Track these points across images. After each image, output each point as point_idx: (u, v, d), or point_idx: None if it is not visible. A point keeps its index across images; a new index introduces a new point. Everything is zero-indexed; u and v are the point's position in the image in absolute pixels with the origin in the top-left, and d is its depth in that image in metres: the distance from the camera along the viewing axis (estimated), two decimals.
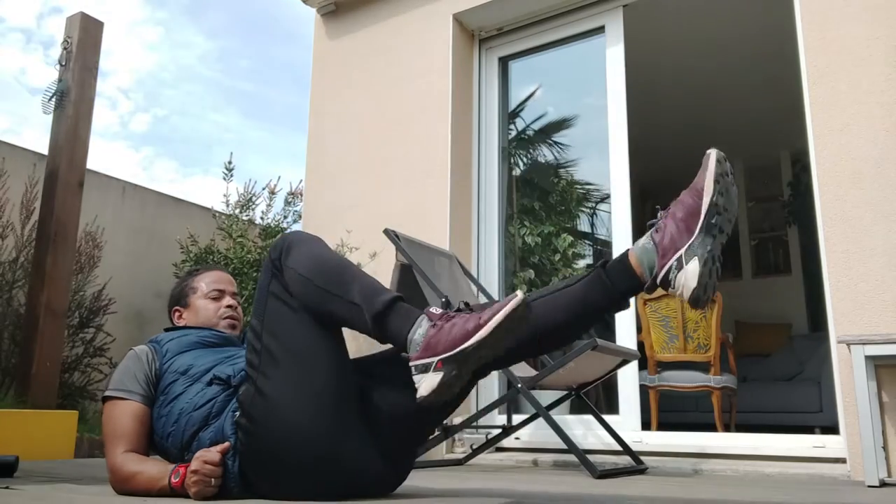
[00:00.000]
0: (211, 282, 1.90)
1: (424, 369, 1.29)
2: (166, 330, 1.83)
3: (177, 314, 1.89)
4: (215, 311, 1.85)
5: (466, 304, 1.36)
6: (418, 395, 1.28)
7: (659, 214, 1.40)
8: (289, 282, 1.44)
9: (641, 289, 1.38)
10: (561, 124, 4.64)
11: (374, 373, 1.51)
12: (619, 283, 1.39)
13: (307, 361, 1.43)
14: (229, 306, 1.87)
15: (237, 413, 1.46)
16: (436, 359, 1.28)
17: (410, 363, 1.31)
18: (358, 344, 3.55)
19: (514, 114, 4.36)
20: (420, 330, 1.32)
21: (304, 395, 1.40)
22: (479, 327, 1.26)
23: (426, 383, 1.27)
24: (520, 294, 1.28)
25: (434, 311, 1.34)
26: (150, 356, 1.67)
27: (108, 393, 1.63)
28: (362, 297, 1.38)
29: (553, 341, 1.57)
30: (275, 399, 1.40)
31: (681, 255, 1.32)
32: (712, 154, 1.38)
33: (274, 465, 1.42)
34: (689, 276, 1.30)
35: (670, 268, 1.33)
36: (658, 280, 1.34)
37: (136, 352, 1.69)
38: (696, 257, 1.30)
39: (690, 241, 1.32)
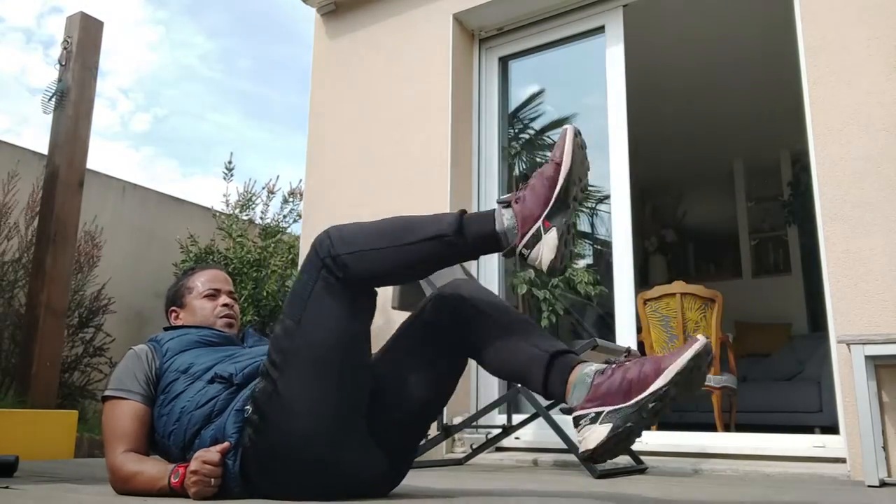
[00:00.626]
0: (206, 281, 1.89)
1: (535, 238, 1.35)
2: (165, 329, 1.83)
3: (173, 315, 1.89)
4: (212, 310, 1.85)
5: (525, 176, 1.43)
6: (547, 265, 1.34)
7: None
8: (353, 267, 1.40)
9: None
10: (561, 124, 4.64)
11: (385, 372, 1.51)
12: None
13: (333, 369, 1.41)
14: (225, 305, 1.86)
15: (248, 409, 1.45)
16: (538, 224, 1.35)
17: (518, 247, 1.36)
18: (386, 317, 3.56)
19: (515, 114, 4.36)
20: (507, 216, 1.37)
21: (323, 402, 1.40)
22: (556, 173, 1.37)
23: (547, 247, 1.34)
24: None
25: (504, 197, 1.40)
26: (149, 355, 1.67)
27: (107, 392, 1.63)
28: (435, 228, 1.39)
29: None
30: (291, 401, 1.40)
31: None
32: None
33: (278, 463, 1.42)
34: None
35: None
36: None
37: (135, 351, 1.69)
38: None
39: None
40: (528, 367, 1.37)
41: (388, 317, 2.80)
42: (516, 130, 4.51)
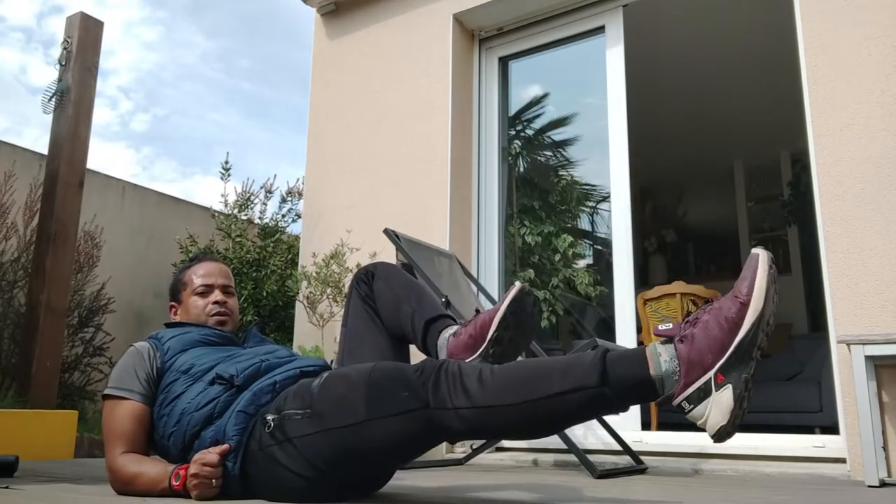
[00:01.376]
0: (201, 276, 1.85)
1: (704, 393, 1.09)
2: (167, 325, 1.82)
3: (173, 310, 1.88)
4: (203, 307, 1.81)
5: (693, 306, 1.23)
6: (716, 431, 1.10)
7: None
8: (470, 420, 1.20)
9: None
10: (561, 124, 4.64)
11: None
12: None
13: (367, 461, 1.35)
14: (216, 302, 1.81)
15: (271, 422, 1.40)
16: (709, 375, 1.08)
17: (676, 399, 1.11)
18: None
19: (515, 114, 4.36)
20: (666, 357, 1.13)
21: (342, 470, 1.36)
22: (742, 316, 1.08)
23: (719, 409, 1.08)
24: (763, 256, 1.12)
25: (665, 329, 1.17)
26: (151, 353, 1.66)
27: (108, 391, 1.62)
28: (572, 379, 1.15)
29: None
30: (312, 455, 1.35)
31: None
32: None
33: (279, 472, 1.41)
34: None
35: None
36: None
37: (136, 348, 1.68)
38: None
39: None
40: (411, 331, 1.57)
41: None
42: (516, 130, 4.51)
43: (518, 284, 1.33)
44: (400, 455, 1.41)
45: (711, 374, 1.08)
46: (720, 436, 1.10)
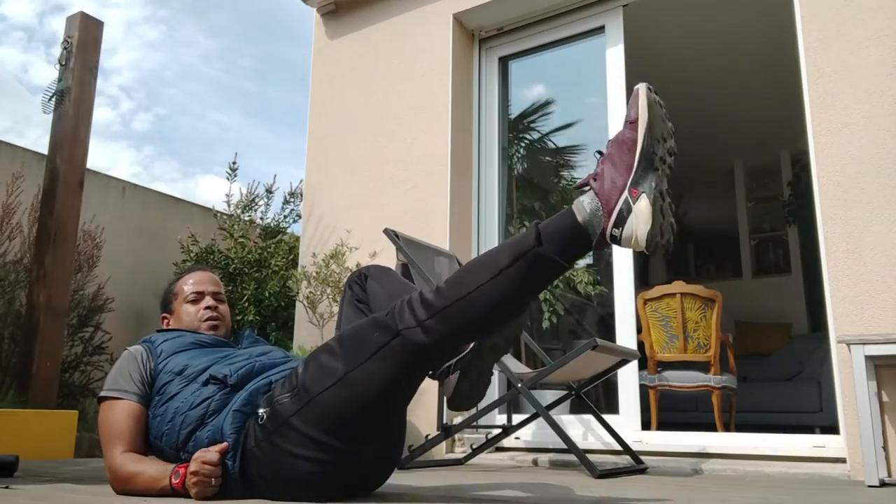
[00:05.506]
0: (191, 284, 1.89)
1: (626, 210, 1.16)
2: (159, 331, 1.83)
3: (165, 321, 1.91)
4: (195, 313, 1.85)
5: (598, 152, 1.27)
6: (646, 239, 1.15)
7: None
8: (439, 328, 1.28)
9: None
10: (561, 124, 4.64)
11: None
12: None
13: (359, 421, 1.37)
14: (208, 307, 1.86)
15: (263, 413, 1.42)
16: (624, 194, 1.17)
17: (607, 230, 1.18)
18: None
19: (515, 114, 4.36)
20: (587, 200, 1.21)
21: (338, 439, 1.37)
22: (634, 132, 1.20)
23: (640, 217, 1.15)
24: (642, 85, 1.23)
25: (580, 181, 1.26)
26: (144, 356, 1.68)
27: (103, 393, 1.64)
28: (513, 251, 1.24)
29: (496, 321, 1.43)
30: (306, 428, 1.36)
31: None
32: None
33: (284, 461, 1.41)
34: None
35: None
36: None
37: (130, 352, 1.70)
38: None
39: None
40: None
41: None
42: (517, 131, 4.50)
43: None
44: (391, 397, 1.39)
45: (626, 192, 1.17)
46: (652, 245, 1.17)
